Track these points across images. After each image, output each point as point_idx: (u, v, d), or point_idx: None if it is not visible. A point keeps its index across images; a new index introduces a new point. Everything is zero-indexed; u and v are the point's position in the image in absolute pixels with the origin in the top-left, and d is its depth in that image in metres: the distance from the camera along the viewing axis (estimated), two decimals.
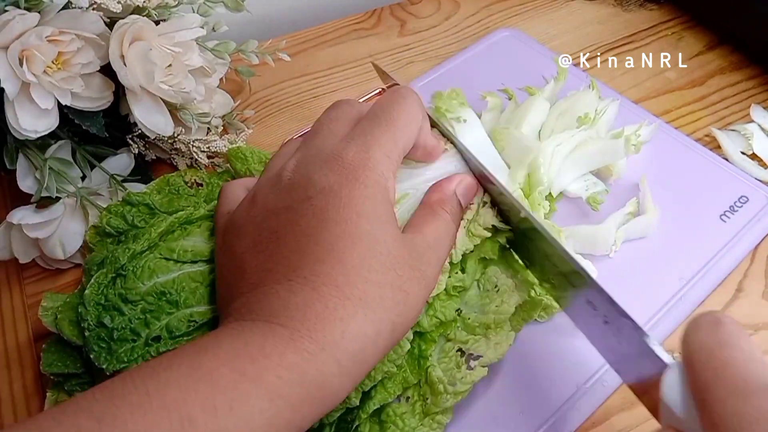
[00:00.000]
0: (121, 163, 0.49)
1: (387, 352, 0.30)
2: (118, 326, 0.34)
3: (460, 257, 0.37)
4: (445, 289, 0.38)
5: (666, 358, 0.28)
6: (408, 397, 0.37)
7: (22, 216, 0.42)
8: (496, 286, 0.39)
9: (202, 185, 0.46)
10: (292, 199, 0.32)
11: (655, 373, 0.27)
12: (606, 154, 0.47)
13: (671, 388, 0.26)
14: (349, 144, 0.33)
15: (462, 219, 0.38)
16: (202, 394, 0.24)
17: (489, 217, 0.38)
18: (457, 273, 0.38)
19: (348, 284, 0.29)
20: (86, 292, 0.35)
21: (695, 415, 0.25)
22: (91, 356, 0.34)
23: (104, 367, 0.33)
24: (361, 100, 0.57)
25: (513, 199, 0.37)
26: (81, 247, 0.46)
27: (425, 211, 0.36)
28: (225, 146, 0.50)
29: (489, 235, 0.38)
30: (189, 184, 0.45)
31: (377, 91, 0.59)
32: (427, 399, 0.36)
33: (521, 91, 0.56)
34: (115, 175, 0.47)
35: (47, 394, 0.37)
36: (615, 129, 0.50)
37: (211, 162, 0.52)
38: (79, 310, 0.35)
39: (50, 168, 0.43)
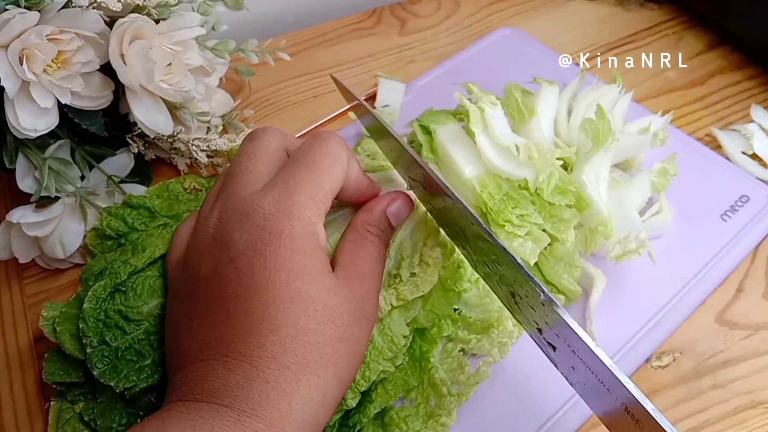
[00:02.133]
0: (120, 163, 0.49)
1: (338, 403, 0.30)
2: (121, 345, 0.34)
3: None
4: (441, 283, 0.37)
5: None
6: (411, 400, 0.37)
7: (21, 215, 0.42)
8: None
9: (201, 190, 0.46)
10: (215, 263, 0.30)
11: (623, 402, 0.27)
12: (633, 148, 0.48)
13: None
14: (269, 192, 0.30)
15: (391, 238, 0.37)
16: None
17: None
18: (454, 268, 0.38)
19: (285, 353, 0.27)
20: (85, 306, 0.35)
21: None
22: (95, 373, 0.33)
23: (112, 384, 0.33)
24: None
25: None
26: (81, 246, 0.46)
27: (353, 236, 0.34)
28: (225, 144, 0.50)
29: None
30: (188, 190, 0.45)
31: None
32: (431, 401, 0.36)
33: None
34: (113, 176, 0.47)
35: (51, 403, 0.37)
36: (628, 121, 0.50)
37: (211, 161, 0.51)
38: (80, 325, 0.35)
39: (49, 167, 0.43)
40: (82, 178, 0.46)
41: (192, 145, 0.49)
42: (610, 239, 0.41)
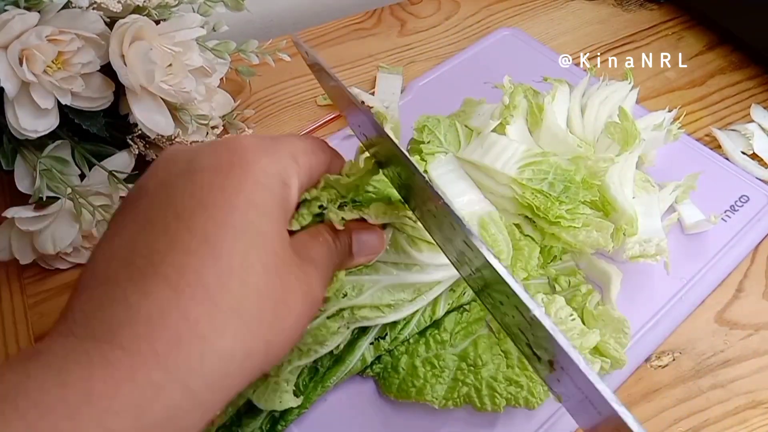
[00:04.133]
0: (120, 162, 0.49)
1: (255, 378, 0.25)
2: None
3: None
4: None
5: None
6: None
7: (16, 211, 0.42)
8: None
9: None
10: (169, 173, 0.26)
11: None
12: (647, 144, 0.48)
13: None
14: (245, 137, 0.28)
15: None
16: None
17: None
18: None
19: (221, 288, 0.22)
20: None
21: None
22: None
23: None
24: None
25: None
26: (80, 245, 0.46)
27: (312, 235, 0.31)
28: None
29: None
30: None
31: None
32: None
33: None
34: (114, 172, 0.47)
35: None
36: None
37: None
38: None
39: (43, 168, 0.43)
40: (83, 177, 0.46)
41: None
42: (633, 237, 0.41)
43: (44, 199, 0.43)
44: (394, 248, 0.37)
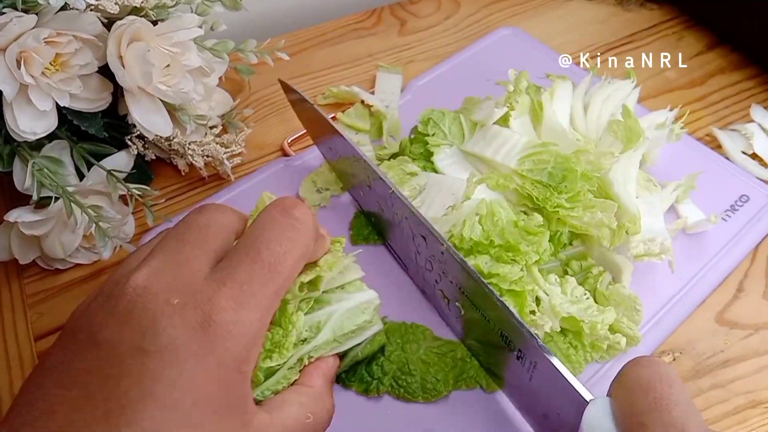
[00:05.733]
0: (119, 161, 0.49)
1: None
2: None
3: None
4: None
5: (587, 395, 0.28)
6: None
7: (18, 215, 0.42)
8: None
9: None
10: (121, 338, 0.24)
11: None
12: (651, 144, 0.48)
13: (595, 420, 0.27)
14: (222, 288, 0.25)
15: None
16: None
17: None
18: None
19: None
20: None
21: None
22: None
23: None
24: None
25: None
26: (80, 245, 0.46)
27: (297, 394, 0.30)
28: (216, 150, 0.50)
29: None
30: None
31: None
32: None
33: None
34: (113, 171, 0.47)
35: None
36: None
37: (209, 159, 0.51)
38: None
39: (37, 169, 0.43)
40: (82, 177, 0.46)
41: (188, 148, 0.49)
42: (636, 236, 0.41)
43: (36, 197, 0.43)
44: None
